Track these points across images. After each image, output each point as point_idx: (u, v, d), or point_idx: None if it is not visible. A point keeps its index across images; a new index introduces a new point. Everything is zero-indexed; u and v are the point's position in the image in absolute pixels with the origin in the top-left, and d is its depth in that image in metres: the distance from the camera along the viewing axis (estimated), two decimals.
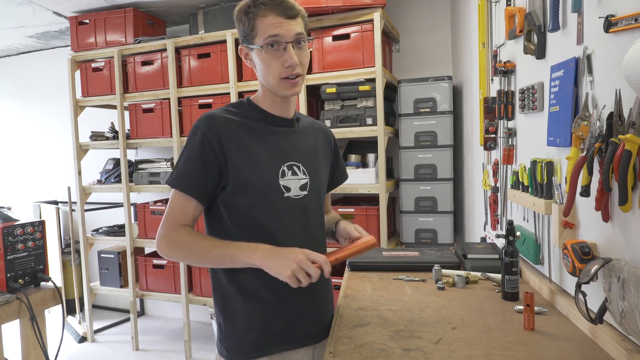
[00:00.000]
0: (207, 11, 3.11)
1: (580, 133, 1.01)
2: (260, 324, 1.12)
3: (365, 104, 2.65)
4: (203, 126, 1.09)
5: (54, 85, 4.30)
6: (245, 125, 1.13)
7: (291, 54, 1.06)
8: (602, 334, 0.94)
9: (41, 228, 1.84)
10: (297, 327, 1.16)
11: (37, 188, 4.49)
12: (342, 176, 1.39)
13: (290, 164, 1.14)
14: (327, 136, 1.32)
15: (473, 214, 2.34)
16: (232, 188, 1.09)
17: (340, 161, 1.38)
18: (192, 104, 3.07)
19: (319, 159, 1.24)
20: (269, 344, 1.13)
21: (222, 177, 1.09)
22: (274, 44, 1.06)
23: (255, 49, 1.09)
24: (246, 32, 1.10)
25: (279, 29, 1.05)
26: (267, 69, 1.09)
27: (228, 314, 1.15)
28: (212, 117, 1.11)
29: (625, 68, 0.81)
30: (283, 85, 1.10)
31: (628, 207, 0.83)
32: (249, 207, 1.10)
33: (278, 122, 1.17)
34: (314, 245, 1.13)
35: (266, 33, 1.06)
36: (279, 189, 1.12)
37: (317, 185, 1.20)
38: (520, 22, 1.42)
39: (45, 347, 1.77)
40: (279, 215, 1.12)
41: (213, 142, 1.07)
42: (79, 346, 3.48)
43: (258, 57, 1.10)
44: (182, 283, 3.16)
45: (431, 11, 3.08)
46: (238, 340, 1.13)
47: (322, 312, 1.23)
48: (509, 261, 1.21)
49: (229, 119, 1.12)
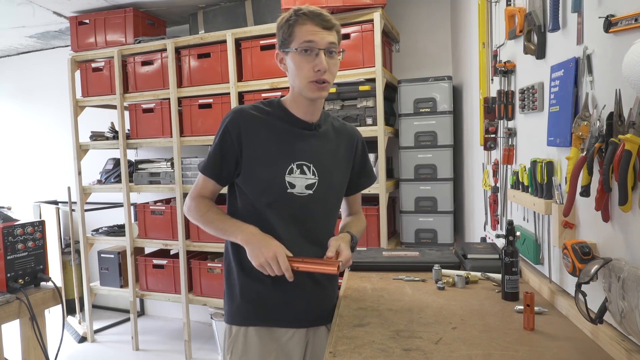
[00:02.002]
0: (207, 11, 3.11)
1: (580, 133, 1.01)
2: (252, 297, 1.27)
3: (365, 104, 2.65)
4: (228, 119, 1.24)
5: (54, 85, 4.30)
6: (267, 122, 1.25)
7: (322, 60, 1.17)
8: (602, 334, 0.94)
9: (41, 228, 1.84)
10: (285, 309, 1.27)
11: (37, 188, 4.49)
12: (368, 180, 1.46)
13: (300, 163, 1.24)
14: (353, 140, 1.38)
15: (473, 214, 2.34)
16: (243, 176, 1.24)
17: (367, 165, 1.44)
18: (192, 104, 3.07)
19: (338, 163, 1.32)
20: (258, 317, 1.27)
21: (238, 165, 1.24)
22: (308, 49, 1.17)
23: (290, 52, 1.20)
24: (284, 38, 1.21)
25: (314, 36, 1.17)
26: (298, 71, 1.19)
27: (230, 284, 1.31)
28: (238, 112, 1.24)
29: (625, 68, 0.81)
30: (310, 87, 1.19)
31: (628, 207, 0.83)
32: (253, 195, 1.24)
33: (299, 124, 1.27)
34: (309, 243, 1.25)
35: (302, 38, 1.17)
36: (283, 185, 1.22)
37: (326, 188, 1.27)
38: (520, 22, 1.42)
39: (45, 347, 1.77)
40: (278, 208, 1.23)
41: (233, 135, 1.22)
42: (79, 346, 3.48)
43: (292, 60, 1.20)
44: (182, 283, 3.16)
45: (431, 11, 3.08)
46: (235, 308, 1.29)
47: (313, 303, 1.30)
48: (509, 261, 1.22)
49: (253, 115, 1.25)
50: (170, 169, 3.20)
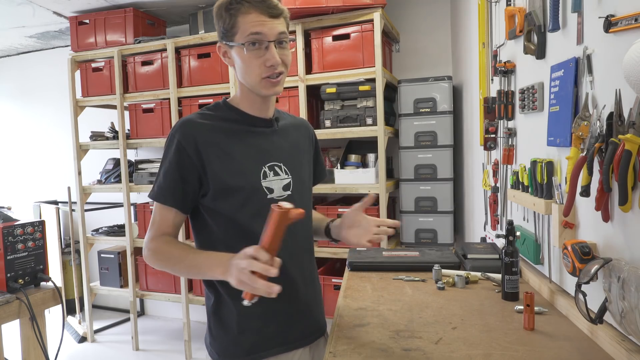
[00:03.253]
0: (207, 11, 3.11)
1: (580, 133, 1.01)
2: (253, 327, 1.10)
3: (365, 104, 2.65)
4: (178, 134, 1.07)
5: (54, 85, 4.29)
6: (222, 128, 1.11)
7: (273, 53, 1.04)
8: (602, 334, 0.94)
9: (41, 228, 1.84)
10: (291, 329, 1.14)
11: (37, 188, 4.48)
12: (323, 171, 1.38)
13: (271, 164, 1.13)
14: (308, 132, 1.30)
15: (473, 214, 2.34)
16: (214, 194, 1.07)
17: (320, 157, 1.36)
18: (192, 104, 3.07)
19: (301, 156, 1.23)
20: (263, 347, 1.11)
21: (202, 184, 1.08)
22: (256, 43, 1.04)
23: (235, 46, 1.06)
24: (226, 29, 1.07)
25: (261, 27, 1.03)
26: (248, 68, 1.07)
27: (219, 317, 1.13)
28: (187, 124, 1.09)
29: (625, 68, 0.81)
30: (264, 84, 1.08)
31: (628, 207, 0.83)
32: (232, 211, 1.08)
33: (257, 122, 1.15)
34: (299, 245, 1.17)
35: (248, 31, 1.03)
36: (261, 191, 1.10)
37: (300, 184, 1.18)
38: (520, 22, 1.42)
39: (45, 347, 1.77)
40: (263, 217, 1.04)
41: (189, 151, 1.05)
42: (79, 346, 3.48)
43: (238, 55, 1.07)
44: (182, 283, 3.16)
45: (431, 11, 3.08)
46: (230, 344, 1.11)
47: (314, 312, 1.22)
48: (509, 261, 1.22)
49: (205, 124, 1.10)
50: None
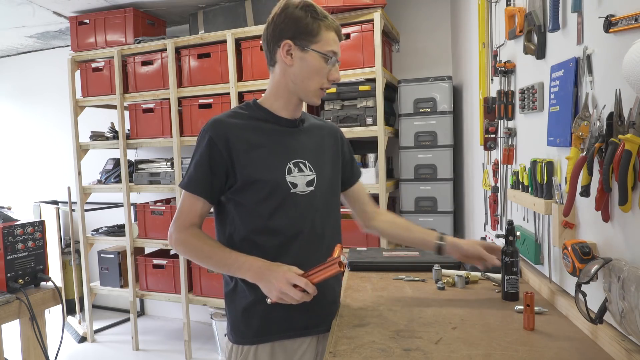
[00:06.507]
0: (207, 11, 3.11)
1: (580, 133, 1.01)
2: (260, 311, 1.17)
3: (365, 104, 2.65)
4: (210, 131, 1.16)
5: (54, 85, 4.29)
6: (251, 125, 1.20)
7: (337, 71, 1.20)
8: (602, 334, 0.94)
9: (41, 228, 1.84)
10: (297, 317, 1.19)
11: (37, 188, 4.48)
12: (358, 170, 1.46)
13: (296, 161, 1.20)
14: (335, 133, 1.37)
15: (473, 214, 2.34)
16: (240, 186, 1.16)
17: (353, 157, 1.44)
18: (192, 104, 3.07)
19: (326, 156, 1.29)
20: (269, 332, 1.19)
21: (229, 177, 1.16)
22: (331, 58, 1.17)
23: (311, 52, 1.15)
24: (306, 32, 1.14)
25: (336, 47, 1.18)
26: (314, 75, 1.17)
27: (232, 300, 1.22)
28: (219, 122, 1.18)
29: (625, 68, 0.81)
30: (318, 94, 1.20)
31: (628, 207, 0.83)
32: (256, 203, 1.16)
33: (283, 122, 1.23)
34: (319, 241, 1.21)
35: (330, 47, 1.16)
36: (285, 186, 1.17)
37: (323, 182, 1.24)
38: (520, 22, 1.42)
39: (45, 347, 1.77)
40: (284, 210, 1.17)
41: (220, 145, 1.14)
42: (79, 346, 3.48)
43: (309, 61, 1.15)
44: (182, 283, 3.16)
45: (431, 11, 3.08)
46: (241, 326, 1.20)
47: (324, 304, 1.22)
48: (509, 261, 1.22)
49: (235, 122, 1.19)
50: (170, 169, 3.20)
